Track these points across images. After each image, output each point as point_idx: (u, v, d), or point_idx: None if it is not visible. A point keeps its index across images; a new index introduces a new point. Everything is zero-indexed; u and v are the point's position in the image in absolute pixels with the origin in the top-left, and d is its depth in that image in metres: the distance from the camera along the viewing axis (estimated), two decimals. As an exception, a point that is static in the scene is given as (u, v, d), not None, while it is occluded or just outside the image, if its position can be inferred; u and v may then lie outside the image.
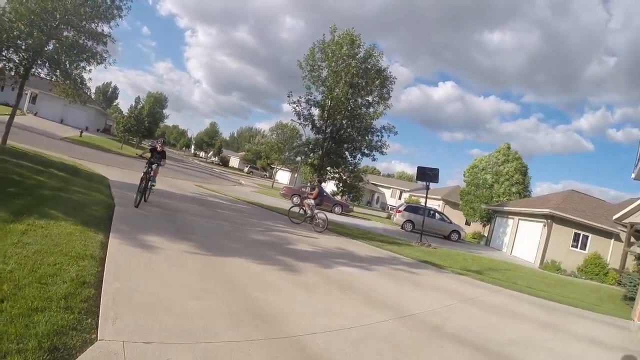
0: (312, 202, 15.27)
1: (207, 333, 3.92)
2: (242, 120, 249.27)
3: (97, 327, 3.49)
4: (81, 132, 38.27)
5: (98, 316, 3.68)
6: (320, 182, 17.40)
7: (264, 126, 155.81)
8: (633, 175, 9.36)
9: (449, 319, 6.70)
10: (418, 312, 6.64)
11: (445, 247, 19.68)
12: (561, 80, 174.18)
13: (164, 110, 59.94)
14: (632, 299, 12.57)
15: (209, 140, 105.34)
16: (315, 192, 15.77)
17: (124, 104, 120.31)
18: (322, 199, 16.58)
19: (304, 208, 15.62)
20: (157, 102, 57.60)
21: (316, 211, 15.20)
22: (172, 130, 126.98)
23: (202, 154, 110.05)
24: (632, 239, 19.89)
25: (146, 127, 49.20)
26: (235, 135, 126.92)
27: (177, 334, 3.75)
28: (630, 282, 13.63)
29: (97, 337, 3.34)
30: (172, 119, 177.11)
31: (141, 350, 3.29)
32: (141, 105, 52.39)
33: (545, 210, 23.29)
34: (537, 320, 8.24)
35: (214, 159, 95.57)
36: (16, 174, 10.03)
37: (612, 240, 22.77)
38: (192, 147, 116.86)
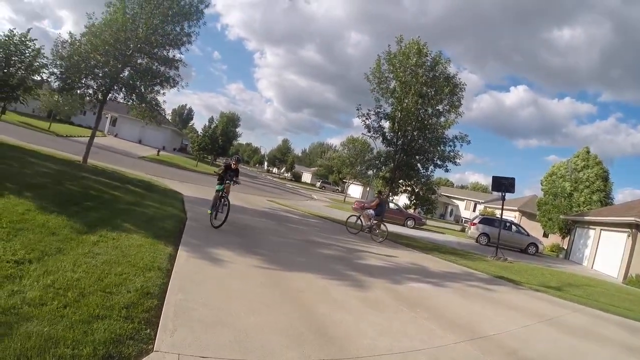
0: (371, 212, 15.16)
1: (264, 350, 3.79)
2: (313, 136, 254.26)
3: (155, 338, 3.50)
4: (158, 151, 40.60)
5: (157, 327, 3.70)
6: (381, 193, 17.46)
7: (335, 141, 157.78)
8: None
9: (526, 341, 6.13)
10: (492, 334, 6.12)
11: (522, 261, 18.54)
12: (639, 74, 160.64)
13: (236, 129, 62.51)
14: None
15: (282, 157, 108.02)
16: (374, 202, 15.63)
17: (199, 124, 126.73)
18: (383, 210, 16.11)
19: (362, 218, 15.47)
20: (230, 122, 60.02)
21: (375, 222, 15.13)
22: (245, 147, 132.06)
23: (274, 170, 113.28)
24: None
25: (220, 145, 51.41)
26: (307, 151, 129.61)
27: (233, 349, 3.66)
28: None
29: (153, 347, 3.33)
30: (245, 137, 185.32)
31: (196, 365, 3.23)
32: (215, 124, 54.77)
33: (630, 219, 21.10)
34: (624, 344, 7.36)
35: (286, 174, 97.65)
36: (94, 189, 10.71)
37: None
38: (265, 163, 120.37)
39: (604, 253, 24.19)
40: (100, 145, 25.71)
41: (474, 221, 27.40)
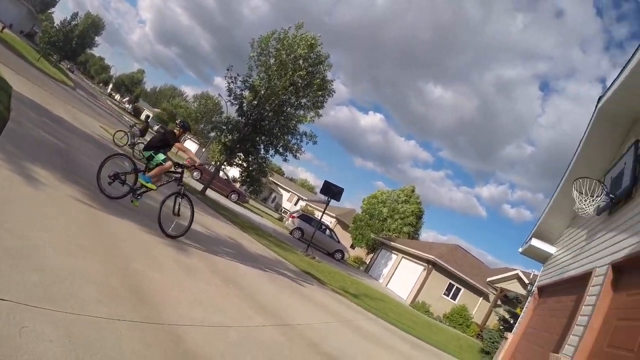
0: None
1: (75, 302, 3.33)
2: (170, 78, 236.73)
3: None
4: (3, 27, 33.74)
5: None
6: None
7: (190, 91, 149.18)
8: (520, 250, 10.21)
9: (325, 337, 6.68)
10: (297, 324, 6.51)
11: (327, 263, 20.02)
12: (479, 149, 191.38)
13: (96, 37, 55.05)
14: (488, 353, 14.21)
15: (130, 86, 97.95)
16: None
17: (60, 15, 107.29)
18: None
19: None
20: (93, 27, 52.81)
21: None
22: (96, 60, 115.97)
23: (117, 96, 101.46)
24: (499, 302, 22.03)
25: (72, 47, 44.72)
26: (157, 89, 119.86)
27: (39, 296, 3.12)
28: (490, 339, 15.17)
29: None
30: (101, 50, 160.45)
31: (-7, 308, 2.69)
32: (76, 23, 47.38)
33: (430, 257, 24.98)
34: (405, 355, 8.61)
35: (127, 106, 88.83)
36: None
37: (481, 298, 25.18)
38: (111, 86, 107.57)
39: (400, 277, 27.98)
40: None
41: (294, 214, 28.63)
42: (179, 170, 7.73)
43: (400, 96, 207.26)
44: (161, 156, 7.49)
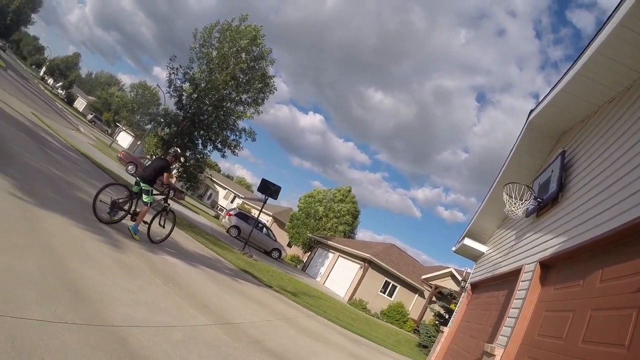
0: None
1: (14, 304, 3.14)
2: (106, 65, 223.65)
3: None
4: None
5: None
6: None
7: (127, 80, 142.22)
8: (454, 249, 10.70)
9: (268, 334, 6.71)
10: (239, 322, 6.47)
11: (265, 262, 19.92)
12: (416, 154, 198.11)
13: (32, 15, 50.80)
14: (425, 347, 15.09)
15: (64, 70, 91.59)
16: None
17: None
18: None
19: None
20: (30, 3, 48.53)
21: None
22: (30, 40, 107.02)
23: (50, 81, 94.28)
24: (434, 298, 22.97)
25: (6, 24, 41.01)
26: (93, 75, 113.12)
27: (-26, 298, 2.91)
28: (426, 333, 15.89)
29: None
30: (36, 29, 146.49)
31: None
32: None
33: (366, 255, 25.53)
34: (347, 350, 8.80)
35: (60, 91, 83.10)
36: None
37: (417, 295, 26.15)
38: (44, 69, 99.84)
39: (337, 275, 28.40)
40: None
41: (231, 212, 28.20)
42: (166, 191, 8.73)
43: (340, 99, 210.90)
44: (147, 199, 8.08)
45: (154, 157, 20.83)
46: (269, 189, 20.14)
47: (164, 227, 8.86)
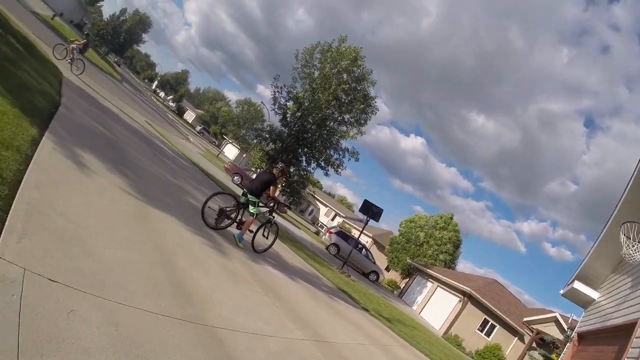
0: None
1: (124, 292, 3.24)
2: (213, 82, 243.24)
3: (-2, 239, 2.74)
4: (54, 15, 34.96)
5: (3, 225, 2.92)
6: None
7: (232, 96, 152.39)
8: (562, 292, 9.66)
9: (361, 358, 6.42)
10: (334, 341, 6.28)
11: (362, 283, 19.57)
12: (521, 183, 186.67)
13: (143, 35, 57.04)
14: None
15: (174, 85, 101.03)
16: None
17: (108, 10, 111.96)
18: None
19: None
20: (141, 24, 54.74)
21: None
22: (142, 57, 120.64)
23: (162, 94, 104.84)
24: (534, 345, 20.87)
25: (120, 42, 46.68)
26: (201, 91, 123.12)
27: (89, 281, 3.04)
28: None
29: (-6, 252, 2.59)
30: (147, 47, 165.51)
31: (43, 288, 2.60)
32: (124, 18, 49.44)
33: (466, 288, 24.02)
34: None
35: (171, 104, 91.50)
36: None
37: (516, 338, 23.88)
38: (156, 83, 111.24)
39: (434, 306, 27.05)
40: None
41: (331, 230, 28.20)
42: (271, 204, 8.84)
43: (442, 121, 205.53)
44: (254, 210, 8.19)
45: (259, 170, 21.67)
46: (370, 210, 19.85)
47: (267, 238, 9.09)
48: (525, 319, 23.35)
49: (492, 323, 24.20)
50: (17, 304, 2.33)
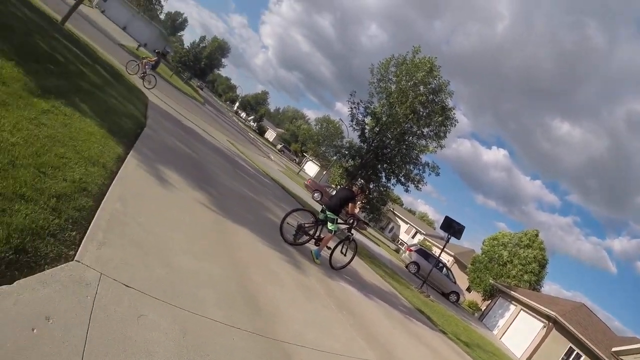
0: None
1: (196, 302, 3.32)
2: (292, 101, 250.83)
3: (79, 245, 2.91)
4: (138, 46, 37.95)
5: (85, 233, 3.10)
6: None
7: (311, 114, 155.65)
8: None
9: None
10: (407, 364, 5.99)
11: (442, 304, 18.78)
12: (611, 195, 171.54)
13: (222, 59, 60.02)
14: None
15: (255, 106, 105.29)
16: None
17: (188, 38, 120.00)
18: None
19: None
20: (220, 49, 57.64)
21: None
22: (223, 80, 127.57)
23: (243, 114, 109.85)
24: None
25: (201, 67, 49.53)
26: (280, 110, 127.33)
27: (162, 289, 3.15)
28: None
29: (75, 255, 2.77)
30: (227, 71, 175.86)
31: (117, 293, 2.71)
32: (204, 45, 52.53)
33: (551, 313, 22.11)
34: None
35: (252, 124, 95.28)
36: (61, 55, 9.31)
37: None
38: (237, 104, 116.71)
39: (516, 330, 25.20)
40: (84, 15, 23.46)
41: (411, 248, 27.50)
42: (350, 221, 8.85)
43: (524, 131, 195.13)
44: (332, 227, 8.21)
45: (338, 187, 21.73)
46: (452, 228, 19.14)
47: (345, 255, 9.00)
48: (614, 349, 20.94)
49: (577, 352, 21.93)
50: (90, 304, 2.45)
